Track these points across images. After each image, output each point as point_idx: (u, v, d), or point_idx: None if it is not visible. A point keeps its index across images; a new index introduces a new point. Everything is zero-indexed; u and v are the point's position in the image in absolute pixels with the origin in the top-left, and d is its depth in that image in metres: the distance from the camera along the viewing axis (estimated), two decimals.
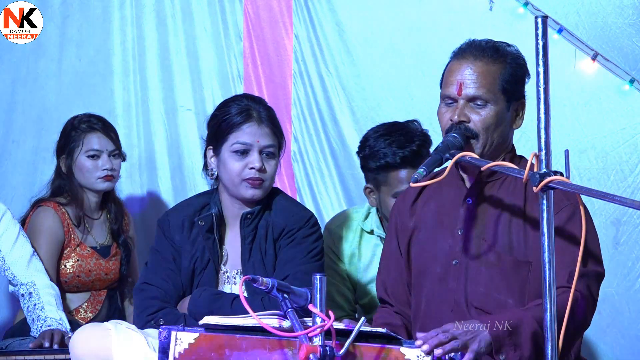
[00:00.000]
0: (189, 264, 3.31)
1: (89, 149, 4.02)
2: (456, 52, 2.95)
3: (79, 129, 4.03)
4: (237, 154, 3.26)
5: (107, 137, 4.05)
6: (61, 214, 3.98)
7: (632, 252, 4.07)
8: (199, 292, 3.23)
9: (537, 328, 2.63)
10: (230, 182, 3.28)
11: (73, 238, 4.00)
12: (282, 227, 3.30)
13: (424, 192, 3.07)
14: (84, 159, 4.01)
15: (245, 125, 3.26)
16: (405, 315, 3.06)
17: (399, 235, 3.08)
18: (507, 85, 2.89)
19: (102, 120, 4.09)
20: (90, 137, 4.03)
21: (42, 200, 4.03)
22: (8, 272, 3.75)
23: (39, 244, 3.92)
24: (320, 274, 2.48)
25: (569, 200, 2.81)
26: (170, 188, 4.55)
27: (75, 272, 3.98)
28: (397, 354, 2.51)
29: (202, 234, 3.31)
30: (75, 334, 3.02)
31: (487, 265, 2.87)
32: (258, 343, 2.54)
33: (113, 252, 4.10)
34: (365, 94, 4.43)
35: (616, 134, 4.08)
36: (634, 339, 4.08)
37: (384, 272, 3.13)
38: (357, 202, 4.31)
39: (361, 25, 4.43)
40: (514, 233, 2.87)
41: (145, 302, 3.26)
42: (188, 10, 4.58)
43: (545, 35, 2.42)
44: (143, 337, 2.94)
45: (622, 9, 4.04)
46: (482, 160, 2.75)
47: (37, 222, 3.97)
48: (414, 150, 3.58)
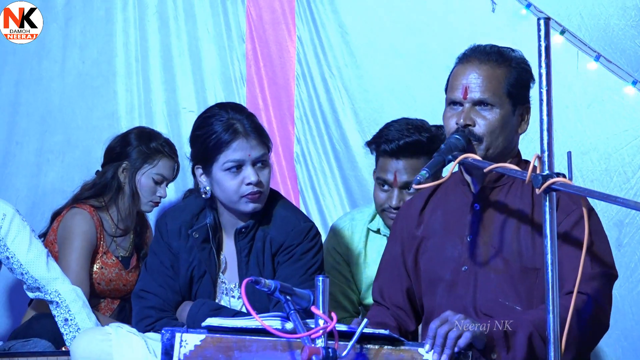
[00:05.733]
0: (186, 272, 3.28)
1: (159, 173, 4.02)
2: (461, 57, 2.95)
3: (155, 147, 4.02)
4: (231, 172, 3.19)
5: (174, 167, 4.08)
6: (96, 219, 3.97)
7: (635, 253, 4.07)
8: (198, 306, 3.20)
9: (534, 332, 2.63)
10: (227, 200, 3.23)
11: (102, 245, 3.98)
12: (281, 242, 3.25)
13: (431, 200, 3.06)
14: (148, 179, 4.00)
15: (233, 143, 3.18)
16: (398, 318, 3.05)
17: (404, 243, 3.07)
18: (513, 89, 2.88)
19: (174, 148, 4.11)
20: (165, 162, 4.03)
21: (77, 201, 4.01)
22: (27, 276, 3.62)
23: (73, 247, 3.89)
24: (323, 275, 2.48)
25: (575, 204, 2.79)
26: (172, 190, 4.56)
27: (97, 279, 3.96)
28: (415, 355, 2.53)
29: (197, 245, 3.28)
30: (76, 338, 3.03)
31: (496, 272, 2.87)
32: (269, 345, 2.53)
33: (133, 265, 4.08)
34: (368, 95, 4.43)
35: (619, 135, 4.08)
36: (636, 340, 4.07)
37: (382, 277, 3.12)
38: (360, 203, 4.31)
39: (364, 26, 4.43)
40: (522, 239, 2.86)
41: (143, 312, 3.25)
42: (191, 12, 4.59)
43: (547, 37, 2.42)
44: (143, 341, 2.94)
45: (625, 10, 4.04)
46: (484, 162, 2.74)
47: (72, 224, 3.94)
48: (401, 144, 3.55)
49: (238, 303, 3.29)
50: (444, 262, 2.94)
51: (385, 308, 3.09)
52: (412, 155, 3.54)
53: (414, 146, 3.54)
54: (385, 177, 3.59)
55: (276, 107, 4.57)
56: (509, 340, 2.64)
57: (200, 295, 3.29)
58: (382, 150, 3.60)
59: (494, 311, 2.83)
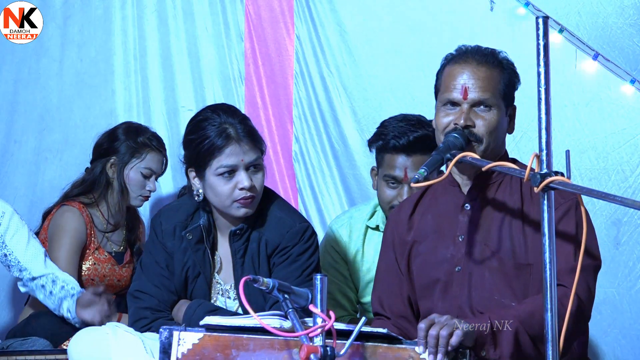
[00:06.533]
0: (181, 272, 3.28)
1: (147, 167, 4.01)
2: (454, 57, 2.95)
3: (142, 141, 4.02)
4: (224, 177, 3.19)
5: (163, 161, 4.07)
6: (85, 215, 3.97)
7: (633, 252, 4.07)
8: (194, 308, 3.20)
9: (520, 328, 2.66)
10: (220, 204, 3.23)
11: (93, 241, 3.99)
12: (277, 243, 3.24)
13: (420, 205, 3.07)
14: (137, 174, 4.00)
15: (226, 149, 3.17)
16: (401, 327, 3.03)
17: (396, 249, 3.07)
18: (507, 90, 2.92)
19: (162, 142, 4.11)
20: (153, 155, 4.03)
21: (68, 199, 4.01)
22: (25, 273, 3.67)
23: (61, 244, 3.90)
24: (321, 274, 2.48)
25: (564, 199, 2.82)
26: (172, 189, 4.55)
27: (90, 276, 3.97)
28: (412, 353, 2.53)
29: (191, 246, 3.27)
30: (73, 338, 3.03)
31: (490, 270, 2.88)
32: (266, 343, 2.53)
33: (127, 260, 4.09)
34: (367, 94, 4.43)
35: (617, 134, 4.08)
36: (634, 339, 4.08)
37: (380, 286, 3.11)
38: (359, 202, 4.31)
39: (362, 25, 4.43)
40: (515, 236, 2.87)
41: (139, 313, 3.25)
42: (189, 11, 4.59)
43: (546, 36, 2.43)
44: (141, 341, 2.94)
45: (623, 9, 4.04)
46: (483, 161, 2.75)
47: (62, 221, 3.95)
48: (409, 140, 3.56)
49: (234, 304, 3.29)
50: (437, 264, 2.95)
51: (386, 319, 3.07)
52: (421, 150, 3.53)
53: (423, 140, 3.54)
54: (395, 174, 3.57)
55: (275, 106, 4.56)
56: (497, 338, 2.66)
57: (196, 295, 3.29)
58: (391, 147, 3.58)
59: (489, 309, 2.84)
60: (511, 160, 2.97)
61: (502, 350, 2.66)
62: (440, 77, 2.96)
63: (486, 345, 2.65)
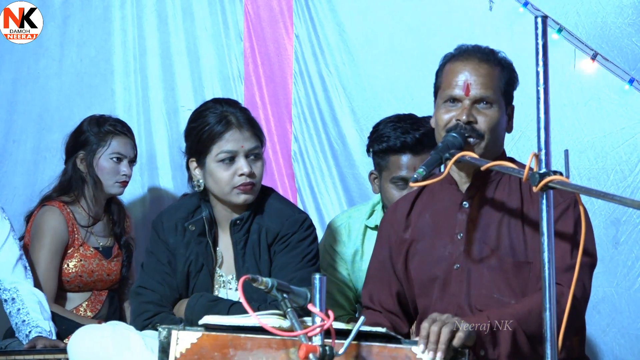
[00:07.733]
0: (183, 267, 3.30)
1: (114, 152, 4.00)
2: (455, 55, 2.96)
3: (106, 129, 4.01)
4: (224, 163, 3.24)
5: (131, 144, 4.06)
6: (66, 213, 3.98)
7: (631, 251, 4.08)
8: (196, 299, 3.22)
9: (517, 327, 2.67)
10: (220, 191, 3.27)
11: (77, 238, 3.99)
12: (276, 232, 3.28)
13: (417, 203, 3.07)
14: (106, 161, 4.00)
15: (227, 134, 3.24)
16: (392, 321, 3.04)
17: (392, 247, 3.07)
18: (506, 89, 2.94)
19: (127, 126, 4.10)
20: (118, 140, 4.02)
21: (48, 199, 4.02)
22: None
23: (42, 244, 3.91)
24: (320, 273, 2.48)
25: (562, 198, 2.82)
26: (171, 188, 4.56)
27: (78, 272, 3.98)
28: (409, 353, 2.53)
29: (194, 238, 3.31)
30: (74, 335, 3.02)
31: (489, 268, 2.88)
32: (264, 342, 2.54)
33: (115, 253, 4.09)
34: (366, 93, 4.43)
35: (616, 133, 4.08)
36: (633, 338, 4.08)
37: (371, 282, 3.12)
38: (358, 201, 4.32)
39: (362, 25, 4.43)
40: (513, 234, 2.88)
41: (141, 307, 3.27)
42: (189, 10, 4.59)
43: (545, 35, 2.43)
44: (141, 339, 2.95)
45: (622, 8, 4.04)
46: (481, 160, 2.76)
47: (41, 221, 3.95)
48: (416, 138, 3.57)
49: (235, 295, 3.31)
50: (436, 263, 2.95)
51: (377, 312, 3.08)
52: (426, 147, 3.53)
53: (427, 138, 3.54)
54: (404, 175, 3.56)
55: (274, 105, 4.57)
56: (496, 337, 2.67)
57: (198, 289, 3.30)
58: (396, 148, 3.58)
59: (488, 307, 2.84)
60: (509, 159, 2.98)
61: (500, 350, 2.67)
62: (441, 75, 2.97)
63: (485, 345, 2.65)
